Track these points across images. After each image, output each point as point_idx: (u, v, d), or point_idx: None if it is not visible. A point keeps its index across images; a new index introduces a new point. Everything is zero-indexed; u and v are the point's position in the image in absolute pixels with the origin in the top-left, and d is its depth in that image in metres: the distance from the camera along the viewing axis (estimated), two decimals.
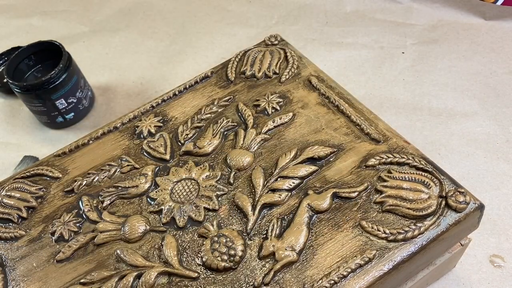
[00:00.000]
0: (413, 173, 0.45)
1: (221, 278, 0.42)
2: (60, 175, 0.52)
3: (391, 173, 0.46)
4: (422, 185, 0.44)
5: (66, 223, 0.48)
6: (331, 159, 0.48)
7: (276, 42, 0.61)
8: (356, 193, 0.45)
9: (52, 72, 0.69)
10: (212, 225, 0.45)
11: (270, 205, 0.46)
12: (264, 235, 0.44)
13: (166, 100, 0.57)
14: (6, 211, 0.50)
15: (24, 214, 0.49)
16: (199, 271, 0.43)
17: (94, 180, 0.51)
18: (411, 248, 0.41)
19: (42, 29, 0.95)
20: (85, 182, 0.51)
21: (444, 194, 0.43)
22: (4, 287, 0.44)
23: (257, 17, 0.91)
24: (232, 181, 0.48)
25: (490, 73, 0.75)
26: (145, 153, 0.52)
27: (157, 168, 0.51)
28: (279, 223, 0.44)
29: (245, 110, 0.54)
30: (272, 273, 0.41)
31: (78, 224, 0.47)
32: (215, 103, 0.55)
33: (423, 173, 0.45)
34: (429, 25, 0.84)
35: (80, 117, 0.77)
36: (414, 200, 0.43)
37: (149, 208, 0.47)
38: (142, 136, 0.54)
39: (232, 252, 0.42)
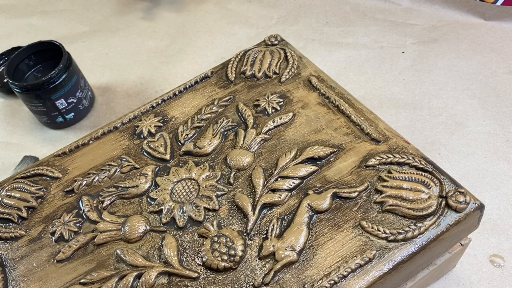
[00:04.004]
0: (413, 173, 0.45)
1: (221, 278, 0.42)
2: (60, 175, 0.52)
3: (391, 173, 0.46)
4: (422, 185, 0.44)
5: (66, 223, 0.48)
6: (331, 159, 0.48)
7: (276, 42, 0.61)
8: (356, 193, 0.45)
9: (52, 72, 0.69)
10: (212, 225, 0.45)
11: (270, 205, 0.46)
12: (264, 235, 0.44)
13: (166, 100, 0.57)
14: (6, 211, 0.50)
15: (24, 214, 0.49)
16: (199, 271, 0.43)
17: (94, 180, 0.51)
18: (411, 248, 0.41)
19: (42, 29, 0.95)
20: (85, 182, 0.51)
21: (444, 194, 0.43)
22: (4, 287, 0.44)
23: (257, 17, 0.91)
24: (232, 181, 0.48)
25: (490, 73, 0.75)
26: (145, 153, 0.52)
27: (157, 168, 0.51)
28: (279, 223, 0.44)
29: (245, 110, 0.54)
30: (272, 273, 0.41)
31: (78, 224, 0.47)
32: (215, 103, 0.55)
33: (423, 173, 0.45)
34: (429, 25, 0.84)
35: (80, 117, 0.77)
36: (414, 200, 0.43)
37: (149, 208, 0.47)
38: (142, 136, 0.54)
39: (232, 252, 0.42)
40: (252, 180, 0.47)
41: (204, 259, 0.43)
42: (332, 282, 0.40)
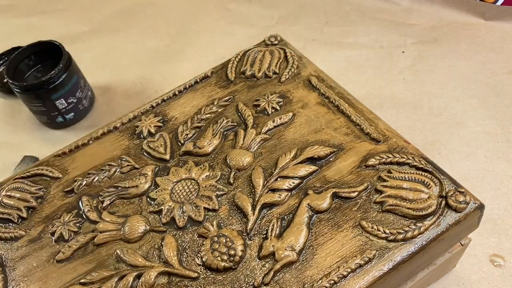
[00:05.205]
0: (413, 173, 0.45)
1: (221, 278, 0.42)
2: (60, 175, 0.52)
3: (391, 173, 0.46)
4: (422, 185, 0.44)
5: (66, 223, 0.48)
6: (331, 159, 0.48)
7: (276, 42, 0.61)
8: (356, 193, 0.45)
9: (52, 72, 0.69)
10: (212, 225, 0.45)
11: (270, 205, 0.46)
12: (264, 235, 0.44)
13: (166, 100, 0.57)
14: (6, 211, 0.50)
15: (24, 214, 0.49)
16: (199, 271, 0.42)
17: (94, 180, 0.51)
18: (411, 248, 0.41)
19: (42, 29, 0.95)
20: (85, 182, 0.51)
21: (444, 194, 0.43)
22: (4, 287, 0.44)
23: (257, 17, 0.91)
24: (232, 181, 0.48)
25: (490, 73, 0.75)
26: (145, 153, 0.52)
27: (157, 168, 0.50)
28: (279, 223, 0.44)
29: (245, 110, 0.54)
30: (272, 273, 0.41)
31: (78, 224, 0.47)
32: (215, 103, 0.55)
33: (423, 173, 0.45)
34: (429, 25, 0.84)
35: (80, 117, 0.77)
36: (414, 200, 0.43)
37: (149, 208, 0.47)
38: (142, 136, 0.54)
39: (232, 252, 0.42)
40: (252, 180, 0.47)
41: (204, 259, 0.43)
42: (332, 282, 0.40)
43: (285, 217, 0.45)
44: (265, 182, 0.47)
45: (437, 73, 0.76)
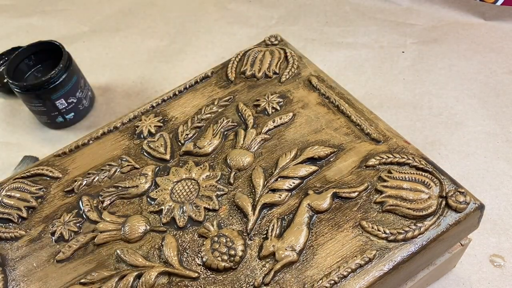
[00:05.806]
0: (413, 173, 0.45)
1: (221, 278, 0.42)
2: (60, 175, 0.52)
3: (391, 173, 0.46)
4: (422, 185, 0.44)
5: (66, 223, 0.48)
6: (331, 159, 0.48)
7: (276, 42, 0.61)
8: (356, 193, 0.45)
9: (52, 72, 0.69)
10: (212, 225, 0.45)
11: (270, 205, 0.46)
12: (264, 235, 0.44)
13: (166, 100, 0.57)
14: (6, 211, 0.50)
15: (24, 214, 0.49)
16: (199, 271, 0.43)
17: (94, 180, 0.51)
18: (411, 248, 0.41)
19: (42, 29, 0.95)
20: (85, 182, 0.51)
21: (444, 194, 0.43)
22: (4, 287, 0.44)
23: (257, 17, 0.91)
24: (232, 181, 0.48)
25: (490, 73, 0.75)
26: (145, 153, 0.52)
27: (157, 168, 0.51)
28: (279, 223, 0.44)
29: (245, 110, 0.54)
30: (272, 273, 0.41)
31: (78, 224, 0.47)
32: (215, 103, 0.55)
33: (423, 173, 0.45)
34: (429, 25, 0.84)
35: (80, 117, 0.77)
36: (414, 200, 0.43)
37: (149, 208, 0.47)
38: (142, 136, 0.54)
39: (232, 252, 0.42)
40: (252, 180, 0.47)
41: (204, 259, 0.43)
42: (332, 282, 0.40)
43: (285, 217, 0.45)
44: (265, 182, 0.47)
45: (437, 73, 0.76)
